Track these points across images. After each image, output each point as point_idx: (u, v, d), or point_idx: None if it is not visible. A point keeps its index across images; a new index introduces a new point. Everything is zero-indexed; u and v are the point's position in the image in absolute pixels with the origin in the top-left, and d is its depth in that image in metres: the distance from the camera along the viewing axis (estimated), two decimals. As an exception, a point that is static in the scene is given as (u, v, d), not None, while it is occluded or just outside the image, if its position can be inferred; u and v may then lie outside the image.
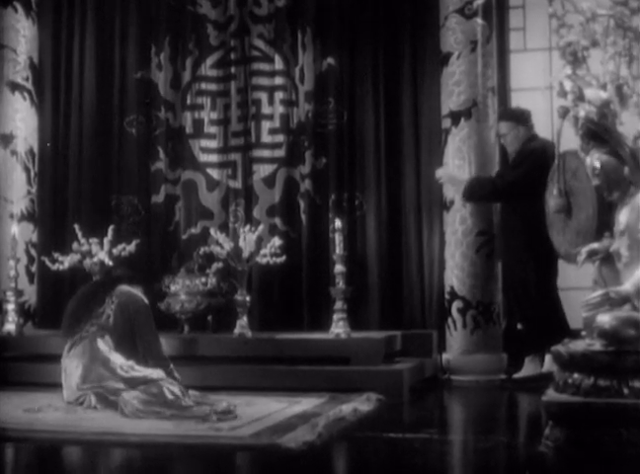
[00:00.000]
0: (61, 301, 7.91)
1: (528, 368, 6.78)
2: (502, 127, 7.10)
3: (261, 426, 4.87)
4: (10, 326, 7.10)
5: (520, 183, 6.80)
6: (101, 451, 4.65)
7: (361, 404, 5.50)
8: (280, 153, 8.00)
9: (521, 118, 7.06)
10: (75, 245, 7.15)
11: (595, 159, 4.36)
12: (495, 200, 7.09)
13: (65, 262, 7.13)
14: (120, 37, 8.29)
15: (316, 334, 6.94)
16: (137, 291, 6.06)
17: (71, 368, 5.73)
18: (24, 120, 7.98)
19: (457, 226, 7.17)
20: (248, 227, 7.08)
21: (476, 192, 7.00)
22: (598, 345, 4.08)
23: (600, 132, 4.32)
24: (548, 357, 6.45)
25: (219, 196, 8.08)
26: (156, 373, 5.53)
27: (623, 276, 4.27)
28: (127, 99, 8.24)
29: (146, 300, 6.02)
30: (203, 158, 8.14)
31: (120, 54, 8.29)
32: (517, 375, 6.81)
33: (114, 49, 8.30)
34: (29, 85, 8.02)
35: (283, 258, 7.02)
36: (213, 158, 8.14)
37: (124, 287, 6.01)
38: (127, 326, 5.84)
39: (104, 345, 5.74)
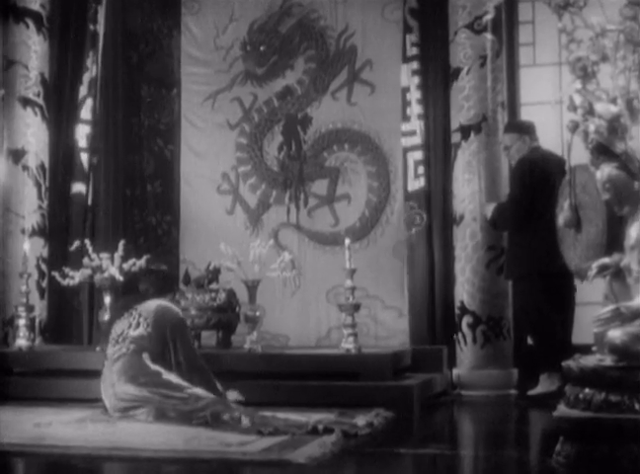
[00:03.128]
0: (72, 316, 7.94)
1: (544, 385, 6.74)
2: (506, 140, 7.09)
3: (271, 441, 4.85)
4: (21, 341, 7.11)
5: (521, 194, 6.78)
6: (111, 466, 4.65)
7: (372, 419, 5.48)
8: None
9: (525, 129, 7.04)
10: (86, 260, 7.16)
11: (604, 173, 4.36)
12: (515, 222, 6.89)
13: (76, 277, 7.13)
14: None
15: (326, 349, 6.94)
16: (173, 305, 6.11)
17: (112, 380, 5.80)
18: (35, 136, 8.00)
19: (467, 241, 7.16)
20: (258, 242, 7.09)
21: (497, 218, 6.97)
22: (608, 360, 4.06)
23: (609, 147, 4.31)
24: None
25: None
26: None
27: (634, 291, 4.26)
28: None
29: (181, 314, 6.08)
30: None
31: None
32: (532, 392, 6.76)
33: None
34: (40, 100, 8.04)
35: (293, 272, 7.06)
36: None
37: (161, 303, 6.05)
38: (163, 342, 5.88)
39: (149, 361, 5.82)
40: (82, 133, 8.18)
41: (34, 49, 8.04)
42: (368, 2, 8.23)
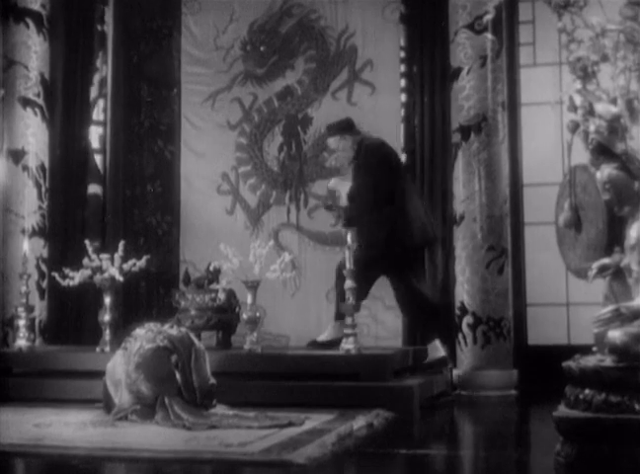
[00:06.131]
0: (71, 317, 7.94)
1: (433, 353, 6.92)
2: (330, 143, 7.08)
3: (271, 442, 4.85)
4: (21, 342, 7.10)
5: (378, 178, 6.74)
6: (111, 467, 4.64)
7: (372, 420, 5.48)
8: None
9: (343, 128, 7.02)
10: (86, 260, 7.15)
11: (605, 174, 4.36)
12: (371, 206, 6.81)
13: (76, 277, 7.12)
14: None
15: (327, 350, 6.93)
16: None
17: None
18: (35, 136, 8.02)
19: (468, 241, 7.17)
20: (258, 242, 7.08)
21: (348, 217, 6.92)
22: (609, 360, 4.06)
23: (610, 147, 4.32)
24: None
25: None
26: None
27: (634, 292, 4.25)
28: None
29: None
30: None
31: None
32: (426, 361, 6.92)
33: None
34: (40, 101, 8.05)
35: (294, 273, 7.05)
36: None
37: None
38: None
39: None
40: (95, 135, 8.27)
41: (34, 50, 8.05)
42: (369, 2, 8.24)
